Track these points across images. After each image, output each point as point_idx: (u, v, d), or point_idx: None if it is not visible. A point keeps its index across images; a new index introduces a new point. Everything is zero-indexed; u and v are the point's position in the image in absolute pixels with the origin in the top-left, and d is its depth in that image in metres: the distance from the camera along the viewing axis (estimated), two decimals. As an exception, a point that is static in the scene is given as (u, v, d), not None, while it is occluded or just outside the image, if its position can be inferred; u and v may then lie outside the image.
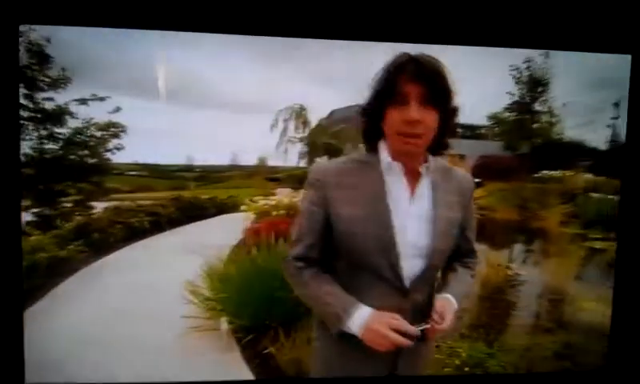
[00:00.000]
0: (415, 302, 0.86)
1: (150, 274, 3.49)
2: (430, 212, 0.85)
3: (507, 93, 6.16)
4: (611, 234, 4.56)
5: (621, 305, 1.27)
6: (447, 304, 0.87)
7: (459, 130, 8.96)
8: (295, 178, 8.14)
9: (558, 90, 5.73)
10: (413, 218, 0.84)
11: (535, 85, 5.78)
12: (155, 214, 4.88)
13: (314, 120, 6.78)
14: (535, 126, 6.01)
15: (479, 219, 1.01)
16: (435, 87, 0.76)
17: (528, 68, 5.79)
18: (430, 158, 0.86)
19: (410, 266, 0.83)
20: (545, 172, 6.01)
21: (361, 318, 0.79)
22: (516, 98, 5.96)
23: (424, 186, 0.85)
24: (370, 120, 0.85)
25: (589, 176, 5.71)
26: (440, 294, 0.89)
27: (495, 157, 6.71)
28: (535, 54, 5.66)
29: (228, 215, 5.96)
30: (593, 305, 2.94)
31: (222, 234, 4.57)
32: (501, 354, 2.19)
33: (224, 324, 2.34)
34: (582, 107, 5.73)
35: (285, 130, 6.18)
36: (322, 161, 0.94)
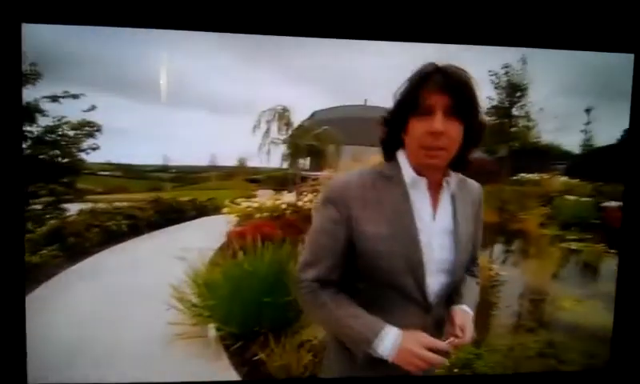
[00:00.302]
0: (437, 318, 0.85)
1: (132, 279, 3.40)
2: (452, 226, 0.84)
3: (487, 97, 6.35)
4: (587, 234, 4.80)
5: (623, 307, 1.30)
6: (466, 316, 0.86)
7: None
8: (276, 180, 8.11)
9: (535, 96, 5.95)
10: (437, 234, 0.82)
11: (513, 90, 6.00)
12: (133, 216, 4.74)
13: (296, 121, 6.78)
14: (513, 130, 6.22)
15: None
16: (461, 99, 0.75)
17: (506, 73, 6.00)
18: (452, 172, 0.85)
19: (435, 282, 0.82)
20: (522, 175, 6.23)
21: (391, 340, 0.76)
22: (495, 103, 6.16)
23: (445, 201, 0.85)
24: (391, 129, 0.84)
25: (565, 179, 5.99)
26: (457, 306, 0.88)
27: (475, 160, 6.89)
28: (513, 60, 5.87)
29: (209, 218, 5.87)
30: (572, 304, 3.08)
31: (204, 237, 4.51)
32: (487, 354, 2.26)
33: (212, 331, 2.31)
34: (557, 112, 5.97)
35: (268, 131, 6.13)
36: (338, 176, 0.89)
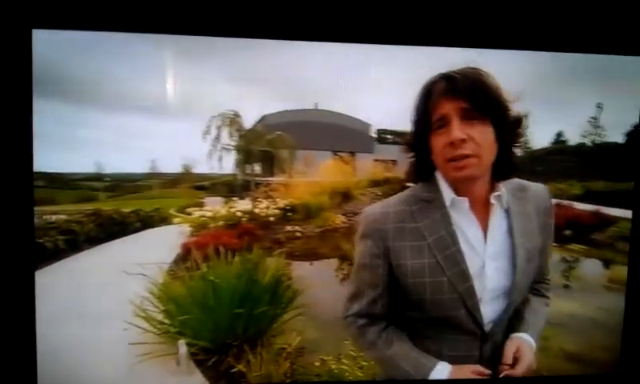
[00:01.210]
0: (495, 346, 0.81)
1: (79, 301, 3.19)
2: (508, 247, 0.77)
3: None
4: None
5: (633, 309, 1.33)
6: (522, 346, 0.79)
7: (389, 136, 9.62)
8: (225, 187, 7.97)
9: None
10: (490, 259, 0.76)
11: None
12: (70, 231, 4.42)
13: (246, 126, 6.75)
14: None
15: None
16: (476, 98, 0.69)
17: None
18: (501, 184, 0.79)
19: (490, 309, 0.77)
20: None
21: (442, 377, 0.75)
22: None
23: (498, 220, 0.78)
24: (418, 155, 0.80)
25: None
26: (514, 334, 0.82)
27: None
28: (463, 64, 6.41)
29: (157, 229, 5.64)
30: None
31: (155, 250, 4.35)
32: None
33: (182, 347, 2.28)
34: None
35: (218, 137, 6.05)
36: (374, 206, 0.82)
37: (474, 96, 0.69)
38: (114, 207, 5.59)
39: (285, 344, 2.48)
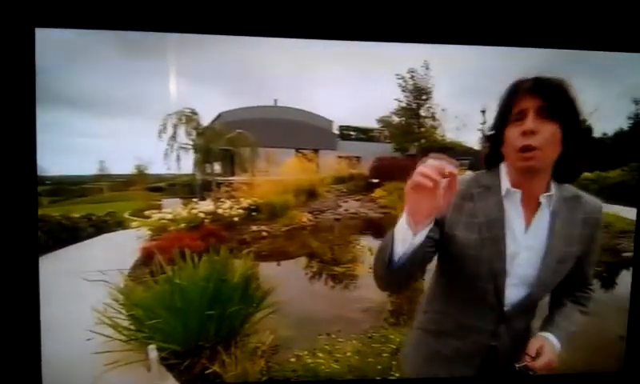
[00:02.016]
0: (513, 330, 0.92)
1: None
2: (544, 245, 0.87)
3: (395, 99, 7.12)
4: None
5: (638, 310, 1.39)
6: (545, 344, 0.91)
7: (352, 132, 9.80)
8: (184, 187, 7.77)
9: (439, 98, 6.88)
10: (524, 249, 0.87)
11: (420, 93, 6.87)
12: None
13: (202, 123, 6.63)
14: (421, 130, 7.10)
15: (382, 218, 0.99)
16: (553, 99, 0.80)
17: (412, 77, 6.83)
18: (554, 187, 0.88)
19: (513, 293, 0.89)
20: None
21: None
22: (404, 105, 6.97)
23: (542, 218, 0.88)
24: (493, 145, 0.90)
25: (469, 172, 7.03)
26: (541, 332, 0.94)
27: (389, 158, 7.62)
28: (417, 66, 6.72)
29: (112, 234, 5.44)
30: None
31: (113, 255, 4.21)
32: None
33: (153, 352, 2.27)
34: (457, 112, 6.94)
35: (174, 135, 5.92)
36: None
37: (551, 98, 0.80)
38: (61, 213, 5.31)
39: (259, 343, 2.52)
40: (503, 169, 0.90)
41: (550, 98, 0.80)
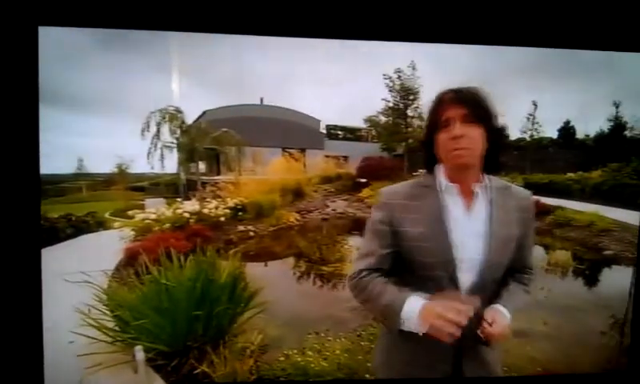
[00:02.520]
0: (474, 314, 0.95)
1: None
2: (486, 230, 0.97)
3: (382, 99, 7.22)
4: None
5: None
6: (496, 313, 0.98)
7: (339, 132, 9.84)
8: (168, 187, 7.70)
9: (426, 98, 6.99)
10: (469, 235, 0.97)
11: (407, 93, 6.98)
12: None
13: (186, 122, 6.57)
14: (409, 129, 7.21)
15: (368, 217, 1.08)
16: (474, 107, 0.93)
17: (399, 77, 6.94)
18: (486, 178, 1.00)
19: (466, 278, 0.97)
20: (421, 171, 7.26)
21: (416, 303, 0.89)
22: (391, 104, 7.07)
23: (480, 205, 0.99)
24: (427, 150, 1.01)
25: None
26: (493, 305, 1.00)
27: (376, 158, 7.70)
28: (404, 66, 6.84)
29: (92, 234, 5.36)
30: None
31: (94, 256, 4.16)
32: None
33: (140, 353, 2.26)
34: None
35: (158, 134, 5.87)
36: (388, 187, 1.08)
37: (472, 106, 0.93)
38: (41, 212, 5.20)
39: (247, 343, 2.53)
40: (440, 168, 1.01)
41: (470, 106, 0.93)
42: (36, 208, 1.07)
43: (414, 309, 0.89)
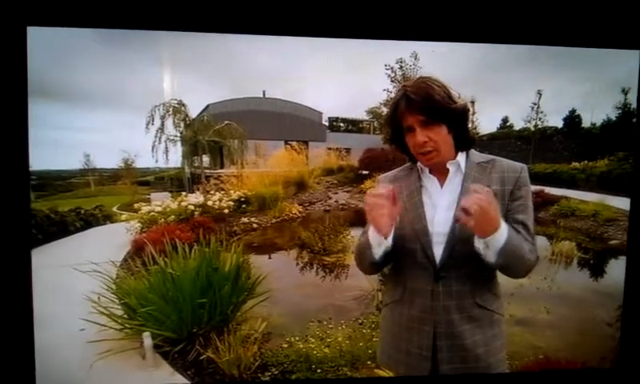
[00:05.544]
0: (448, 289, 1.02)
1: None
2: (457, 203, 1.00)
3: (384, 90, 7.23)
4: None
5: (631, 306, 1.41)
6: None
7: (341, 124, 9.81)
8: (172, 180, 7.77)
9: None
10: (441, 209, 1.03)
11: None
12: None
13: (190, 115, 6.62)
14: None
15: None
16: (429, 112, 0.96)
17: (401, 68, 6.93)
18: (461, 154, 1.04)
19: (439, 250, 1.01)
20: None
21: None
22: (392, 95, 7.06)
23: (454, 180, 1.04)
24: (399, 146, 1.08)
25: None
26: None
27: (378, 150, 7.72)
28: (406, 56, 6.82)
29: (102, 227, 5.47)
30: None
31: (104, 247, 4.26)
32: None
33: (147, 339, 2.35)
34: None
35: (162, 127, 5.93)
36: (386, 173, 1.19)
37: (427, 111, 0.96)
38: (49, 206, 5.32)
39: (251, 330, 2.61)
40: None
41: (426, 111, 0.96)
42: (26, 204, 1.11)
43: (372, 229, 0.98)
